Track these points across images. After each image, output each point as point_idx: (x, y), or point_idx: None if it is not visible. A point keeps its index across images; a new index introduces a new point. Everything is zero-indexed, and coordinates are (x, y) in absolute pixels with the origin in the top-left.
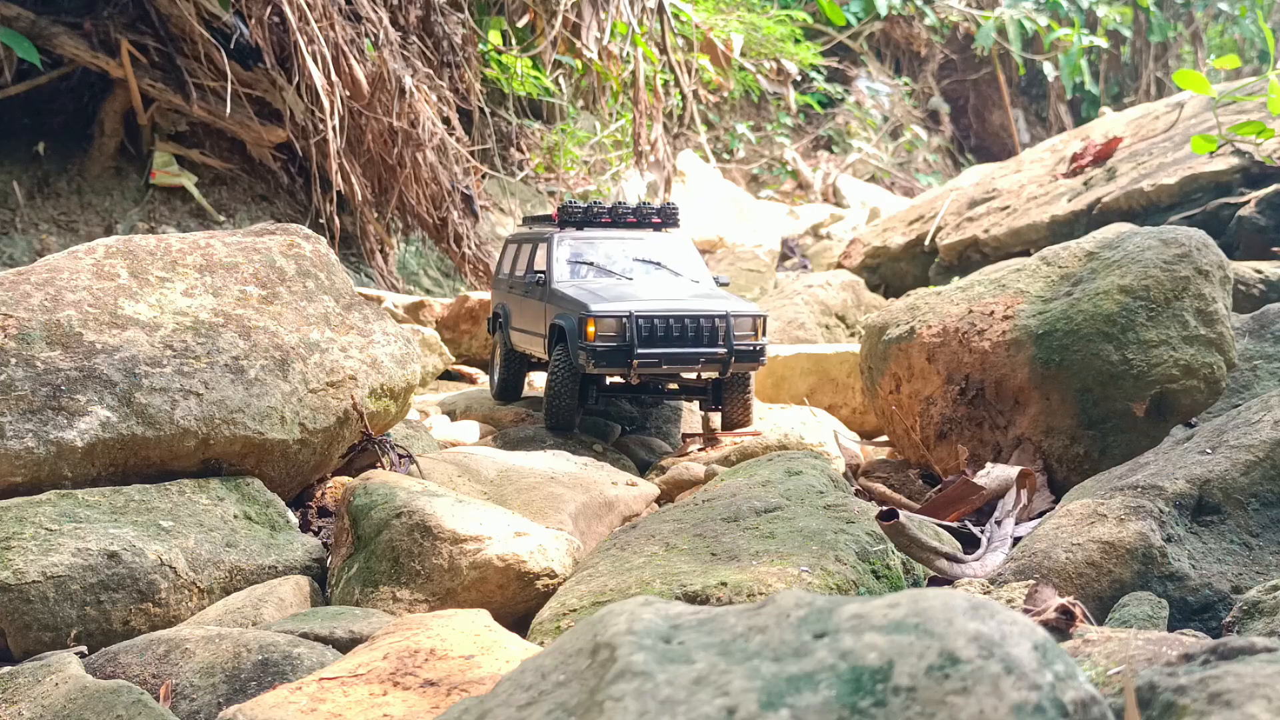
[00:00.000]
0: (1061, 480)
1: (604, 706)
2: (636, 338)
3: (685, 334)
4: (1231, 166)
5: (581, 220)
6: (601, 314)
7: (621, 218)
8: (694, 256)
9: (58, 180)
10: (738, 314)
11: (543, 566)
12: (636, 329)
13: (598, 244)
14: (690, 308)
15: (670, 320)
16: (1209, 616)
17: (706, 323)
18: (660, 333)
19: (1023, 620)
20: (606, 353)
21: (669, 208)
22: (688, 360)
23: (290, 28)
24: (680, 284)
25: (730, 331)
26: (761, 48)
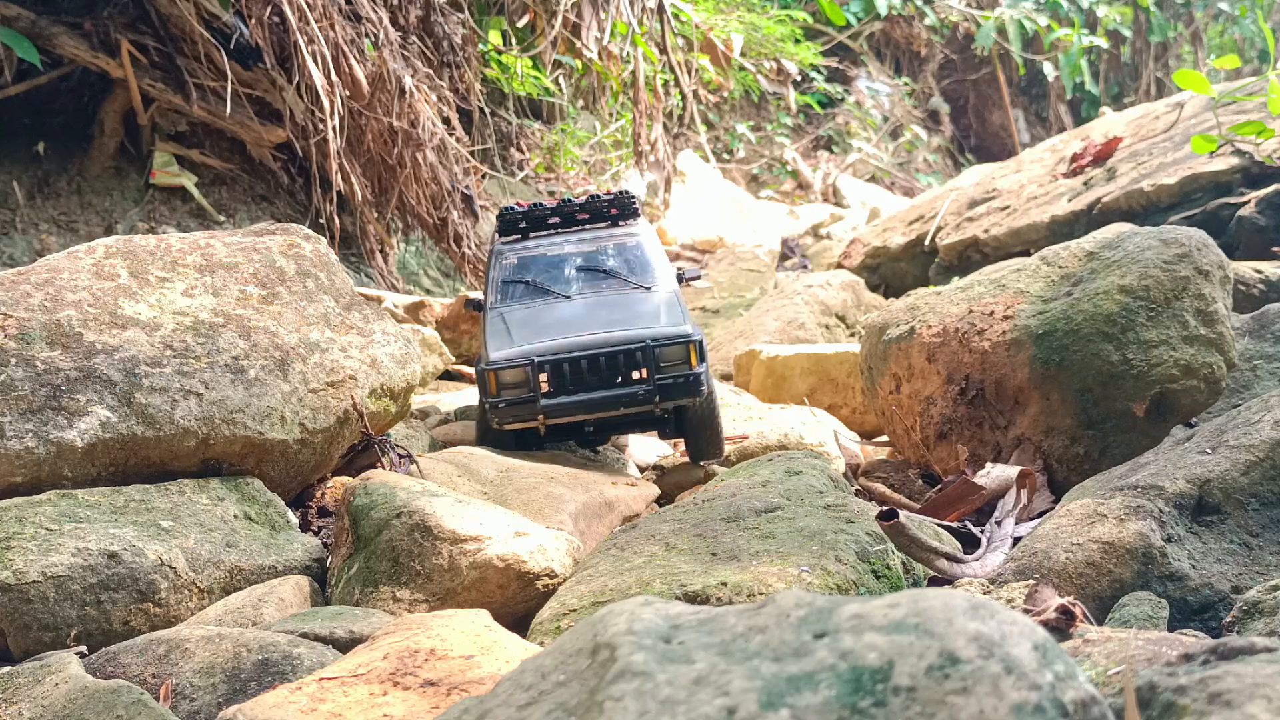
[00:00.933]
0: (1061, 480)
1: (604, 706)
2: (540, 386)
3: (601, 373)
4: (1231, 166)
5: (527, 226)
6: (501, 364)
7: (571, 215)
8: (654, 251)
9: (58, 180)
10: (661, 341)
11: (543, 566)
12: (540, 376)
13: (538, 256)
14: (606, 339)
15: (582, 360)
16: (1209, 616)
17: (625, 357)
18: (570, 377)
19: (1023, 620)
20: (513, 406)
21: (625, 197)
22: (605, 406)
23: (290, 28)
24: (621, 301)
25: (655, 363)
26: (761, 48)
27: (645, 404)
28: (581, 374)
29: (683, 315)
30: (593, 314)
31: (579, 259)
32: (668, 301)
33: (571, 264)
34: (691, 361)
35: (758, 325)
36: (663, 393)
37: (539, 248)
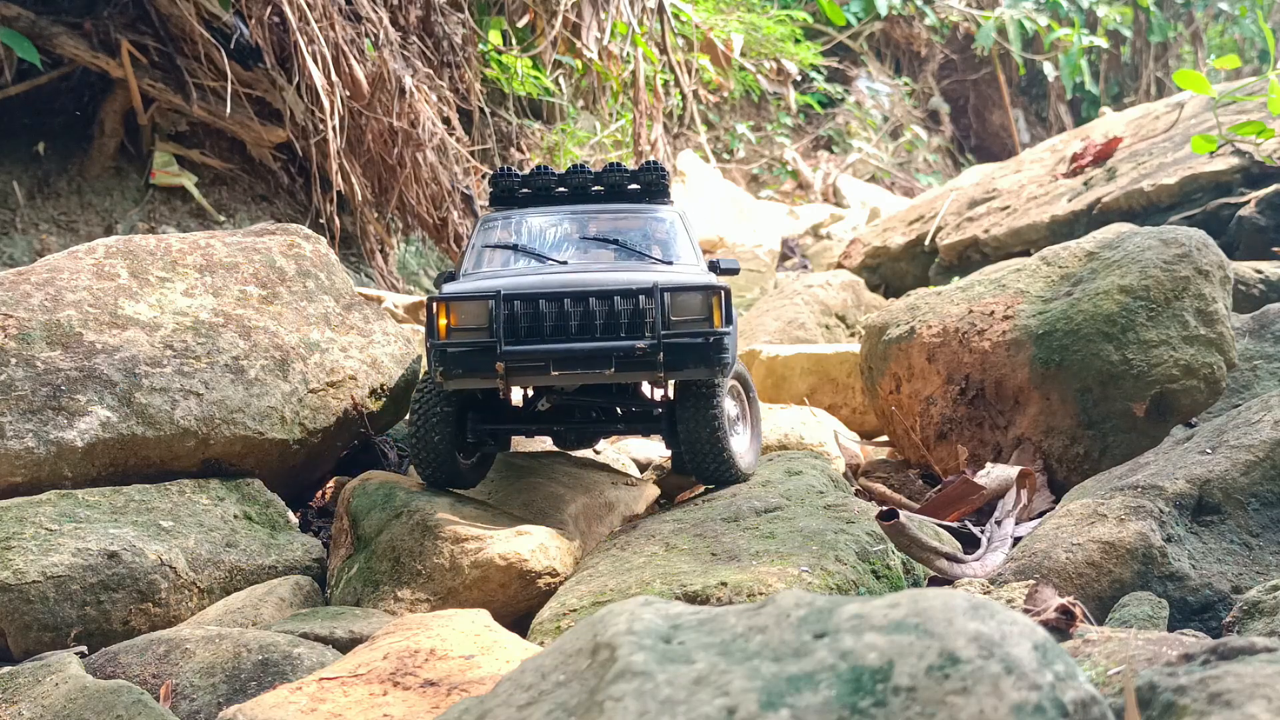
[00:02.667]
0: (1061, 480)
1: (604, 706)
2: (504, 328)
3: (587, 320)
4: (1231, 166)
5: (526, 195)
6: (456, 297)
7: (584, 187)
8: (683, 236)
9: (58, 180)
10: (674, 286)
11: (544, 565)
12: (506, 315)
13: (533, 222)
14: (600, 279)
15: (564, 300)
16: (1209, 616)
17: (623, 300)
18: (549, 320)
19: (1023, 620)
20: (466, 355)
21: (654, 171)
22: (589, 361)
23: (290, 28)
24: (631, 264)
25: (662, 313)
26: (761, 48)
27: (645, 367)
28: (563, 316)
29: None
30: (589, 266)
31: (586, 230)
32: (693, 271)
33: (575, 235)
34: (715, 319)
35: (758, 325)
36: (670, 355)
37: (536, 217)
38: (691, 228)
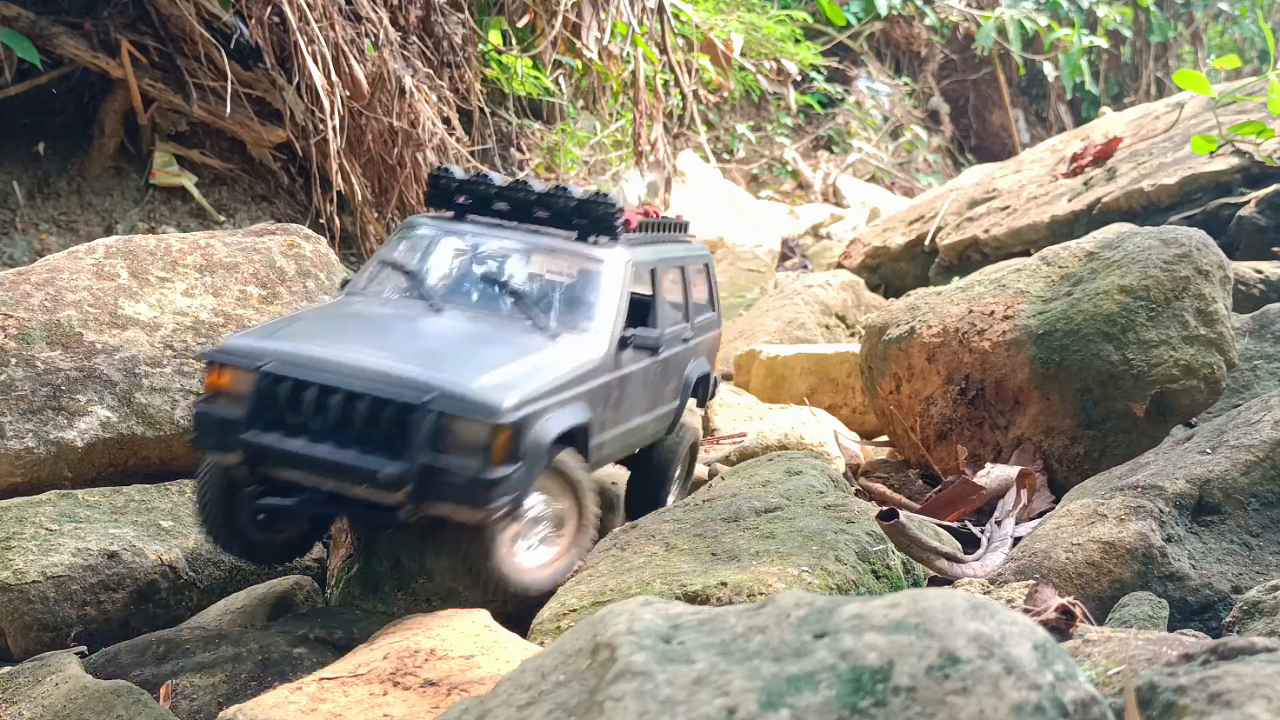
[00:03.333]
0: (1061, 480)
1: (604, 706)
2: (257, 411)
3: (349, 421)
4: (1231, 166)
5: (464, 202)
6: (223, 357)
7: (525, 206)
8: (609, 294)
9: (58, 180)
10: (452, 404)
11: None
12: (262, 393)
13: (446, 245)
14: (381, 370)
15: (334, 391)
16: (1209, 616)
17: (388, 408)
18: (308, 410)
19: (1023, 620)
20: (217, 426)
21: (603, 205)
22: (337, 472)
23: (290, 28)
24: (492, 335)
25: (434, 432)
26: (761, 48)
27: (386, 489)
28: (325, 409)
29: (553, 385)
30: (426, 336)
31: (491, 265)
32: (556, 360)
33: (480, 269)
34: (493, 454)
35: (758, 325)
36: (421, 485)
37: (454, 238)
38: (627, 281)
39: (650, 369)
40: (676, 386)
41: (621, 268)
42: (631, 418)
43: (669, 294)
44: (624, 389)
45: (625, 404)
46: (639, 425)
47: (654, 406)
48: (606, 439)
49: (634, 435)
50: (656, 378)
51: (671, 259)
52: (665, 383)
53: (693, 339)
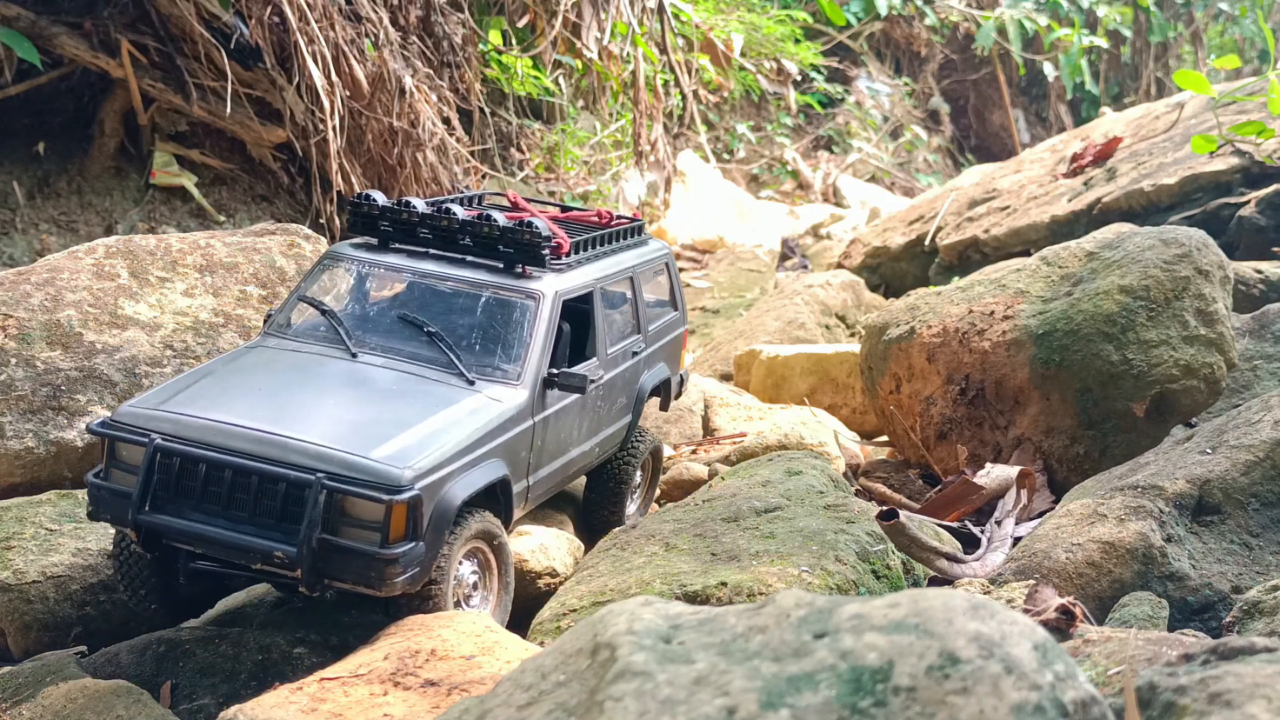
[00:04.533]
0: (1061, 480)
1: (604, 706)
2: (151, 488)
3: (241, 499)
4: (1231, 166)
5: (386, 231)
6: (112, 429)
7: (450, 235)
8: (538, 331)
9: (58, 180)
10: (340, 479)
11: (544, 565)
12: (153, 468)
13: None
14: (273, 441)
15: (227, 467)
16: (1209, 616)
17: (279, 484)
18: (199, 486)
19: (1023, 620)
20: (112, 499)
21: (526, 232)
22: (231, 551)
23: (290, 28)
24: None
25: (327, 509)
26: (761, 48)
27: (283, 571)
28: (219, 484)
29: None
30: (331, 394)
31: (411, 303)
32: (467, 416)
33: (398, 308)
34: (390, 530)
35: (758, 325)
36: (316, 564)
37: (374, 272)
38: (552, 316)
39: (590, 398)
40: (626, 404)
41: (546, 303)
42: (567, 451)
43: (614, 311)
44: (553, 427)
45: (557, 441)
46: (579, 455)
47: (596, 432)
48: (535, 482)
49: (573, 466)
50: (599, 402)
51: (616, 273)
52: (610, 404)
53: (646, 349)
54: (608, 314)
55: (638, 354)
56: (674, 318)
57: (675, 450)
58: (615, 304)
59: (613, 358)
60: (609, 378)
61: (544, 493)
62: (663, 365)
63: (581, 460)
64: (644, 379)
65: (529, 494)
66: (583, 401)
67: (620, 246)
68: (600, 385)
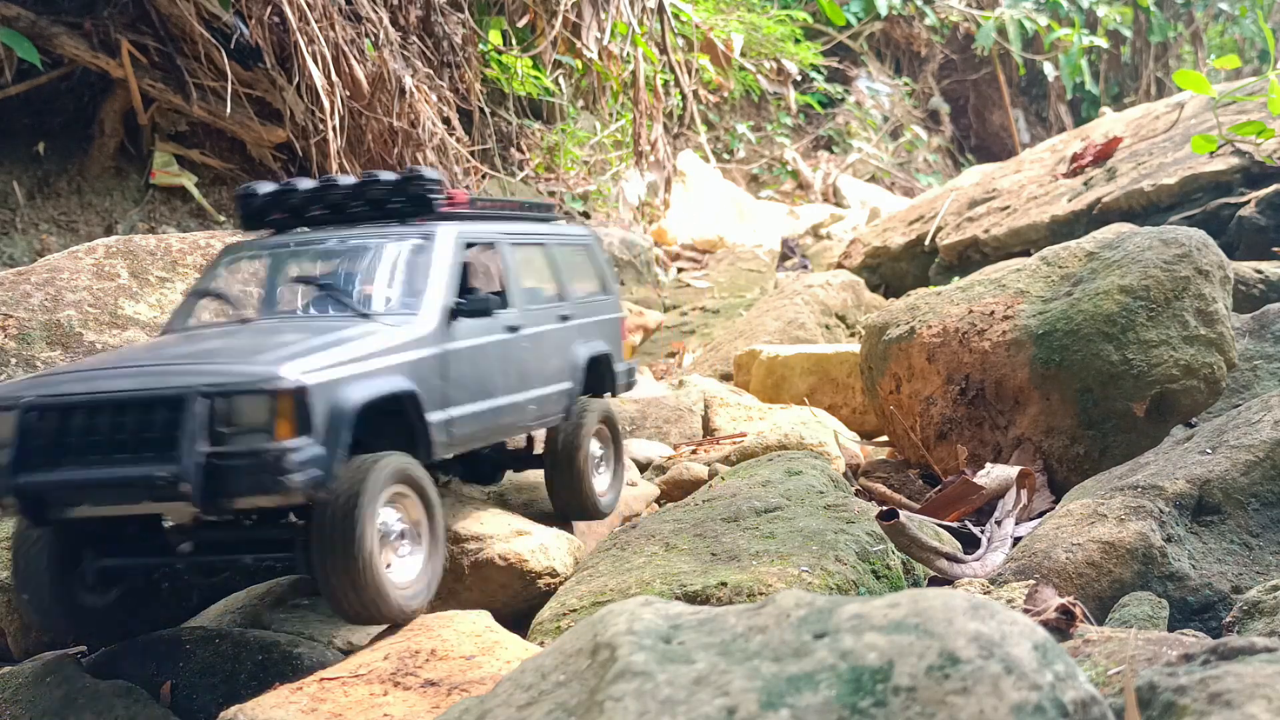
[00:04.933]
0: (1061, 480)
1: (604, 706)
2: (21, 450)
3: (121, 437)
4: (1231, 166)
5: (280, 218)
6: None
7: (340, 204)
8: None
9: (58, 180)
10: (221, 389)
11: (544, 565)
12: (26, 430)
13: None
14: (150, 373)
15: (101, 407)
16: (1209, 616)
17: (149, 412)
18: (79, 436)
19: (1023, 620)
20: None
21: (417, 182)
22: (109, 495)
23: (290, 28)
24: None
25: (204, 427)
26: (761, 48)
27: (169, 497)
28: (93, 431)
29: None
30: (216, 344)
31: (309, 274)
32: (365, 337)
33: (296, 281)
34: (278, 428)
35: (758, 325)
36: (212, 480)
37: (259, 256)
38: (451, 253)
39: (512, 345)
40: (562, 366)
41: (442, 241)
42: (492, 395)
43: (528, 271)
44: (469, 362)
45: (477, 380)
46: (509, 405)
47: (527, 386)
48: (458, 417)
49: (504, 416)
50: (526, 354)
51: (524, 236)
52: (542, 361)
53: (575, 318)
54: (521, 271)
55: (566, 318)
56: (605, 300)
57: (675, 450)
58: (530, 265)
59: (534, 314)
60: (533, 332)
61: (472, 434)
62: (600, 341)
63: (514, 413)
64: (578, 347)
65: (451, 428)
66: (506, 348)
67: (528, 216)
68: (524, 337)
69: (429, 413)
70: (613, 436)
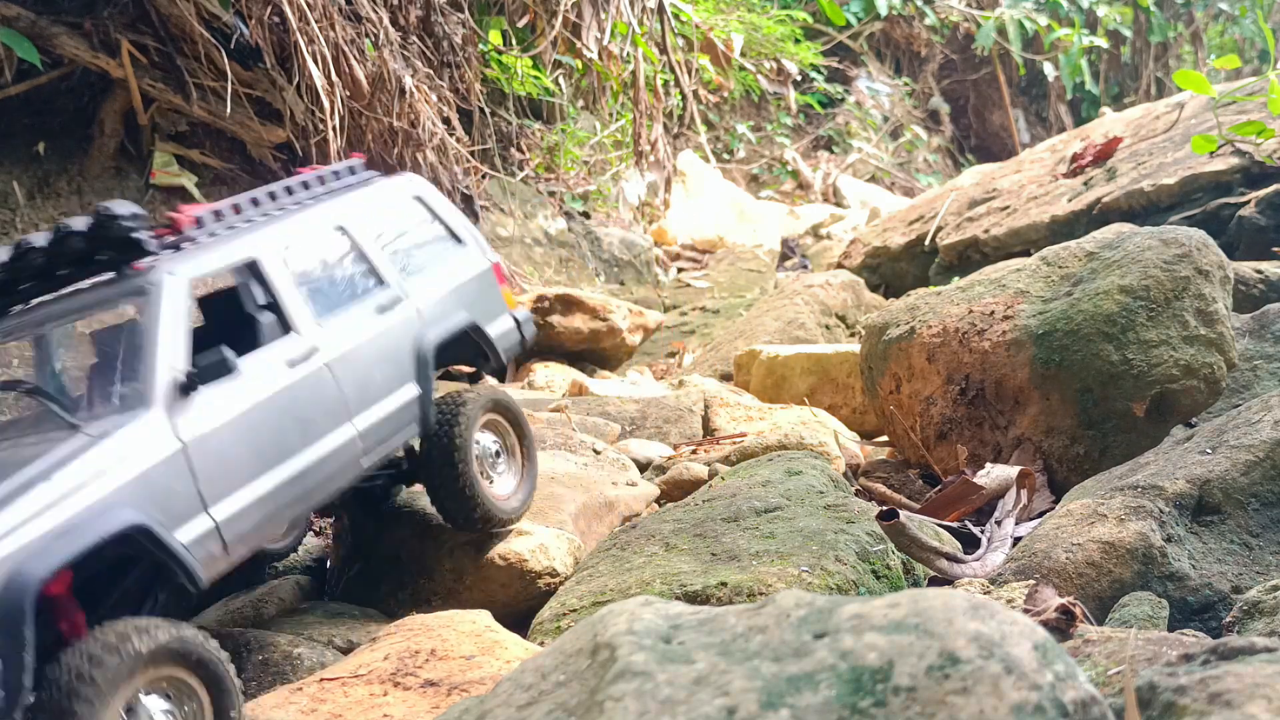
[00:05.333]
0: (1061, 480)
1: (604, 706)
2: None
3: None
4: (1231, 166)
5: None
6: None
7: (43, 271)
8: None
9: (58, 180)
10: None
11: (544, 565)
12: None
13: None
14: None
15: None
16: (1209, 616)
17: None
18: None
19: (1023, 620)
20: None
21: (115, 226)
22: None
23: (290, 28)
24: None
25: None
26: (761, 48)
27: None
28: None
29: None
30: None
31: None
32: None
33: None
34: None
35: (758, 325)
36: None
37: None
38: (177, 304)
39: (303, 380)
40: (395, 370)
41: (159, 296)
42: (291, 456)
43: (315, 269)
44: (233, 436)
45: (257, 452)
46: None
47: (347, 417)
48: (230, 515)
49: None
50: (325, 383)
51: (301, 229)
52: (360, 378)
53: (406, 298)
54: (303, 275)
55: (389, 307)
56: (459, 255)
57: (675, 450)
58: (318, 264)
59: (336, 326)
60: (335, 349)
61: (262, 522)
62: (459, 311)
63: (336, 461)
64: (422, 333)
65: (225, 532)
66: (290, 390)
67: (310, 198)
68: (320, 363)
69: (184, 529)
70: (512, 425)
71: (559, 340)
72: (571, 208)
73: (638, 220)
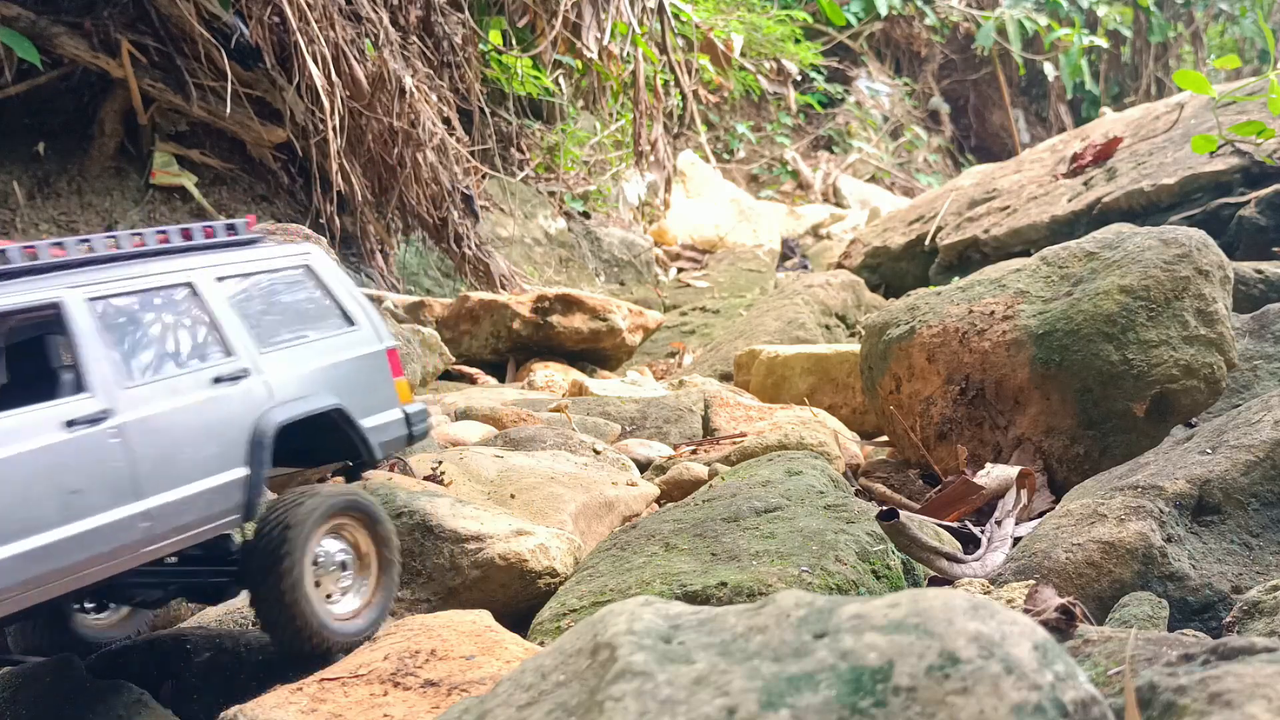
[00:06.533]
0: (1061, 480)
1: (604, 706)
2: None
3: None
4: (1231, 166)
5: None
6: None
7: None
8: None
9: (58, 180)
10: None
11: (544, 565)
12: None
13: None
14: None
15: None
16: (1209, 616)
17: None
18: None
19: (1023, 620)
20: None
21: None
22: None
23: (290, 28)
24: None
25: None
26: (761, 48)
27: None
28: None
29: None
30: None
31: None
32: None
33: None
34: None
35: (758, 325)
36: None
37: None
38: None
39: (83, 445)
40: (223, 450)
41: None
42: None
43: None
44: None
45: None
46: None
47: (138, 494)
48: None
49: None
50: (114, 452)
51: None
52: (168, 451)
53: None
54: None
55: (233, 380)
56: (349, 335)
57: (675, 450)
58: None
59: (149, 391)
60: (146, 418)
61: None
62: (325, 394)
63: (106, 541)
64: (267, 413)
65: None
66: (59, 454)
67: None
68: (126, 429)
69: None
70: (372, 535)
71: (559, 340)
72: (571, 208)
73: (638, 220)
